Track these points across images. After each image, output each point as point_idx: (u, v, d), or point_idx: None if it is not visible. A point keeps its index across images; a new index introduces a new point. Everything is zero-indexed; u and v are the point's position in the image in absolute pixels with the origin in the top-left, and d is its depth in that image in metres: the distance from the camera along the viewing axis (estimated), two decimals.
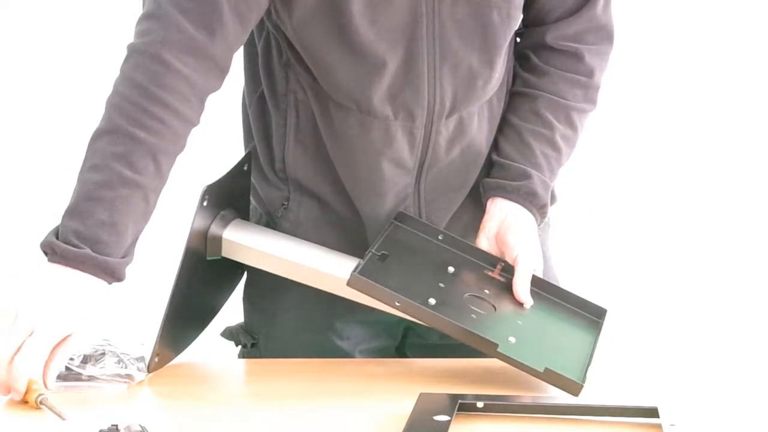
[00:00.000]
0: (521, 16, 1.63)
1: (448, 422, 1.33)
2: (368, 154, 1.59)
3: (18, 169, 3.01)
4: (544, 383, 1.47)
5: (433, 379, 1.52)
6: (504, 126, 1.68)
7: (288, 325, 1.70)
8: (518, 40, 1.71)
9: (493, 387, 1.48)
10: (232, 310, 1.76)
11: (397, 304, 1.51)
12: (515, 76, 1.70)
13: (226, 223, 1.59)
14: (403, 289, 1.52)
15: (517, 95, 1.69)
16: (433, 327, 1.52)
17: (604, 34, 1.69)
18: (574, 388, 1.45)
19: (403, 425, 1.32)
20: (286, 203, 1.66)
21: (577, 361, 1.52)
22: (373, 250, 1.57)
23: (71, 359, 1.53)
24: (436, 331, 1.54)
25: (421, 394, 1.41)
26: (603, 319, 1.61)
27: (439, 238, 1.64)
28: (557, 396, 1.44)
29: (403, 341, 1.74)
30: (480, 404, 1.39)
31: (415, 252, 1.62)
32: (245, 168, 1.64)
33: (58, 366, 1.42)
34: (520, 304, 1.58)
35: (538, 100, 1.67)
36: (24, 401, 1.43)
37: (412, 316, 1.52)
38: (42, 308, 1.41)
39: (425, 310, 1.51)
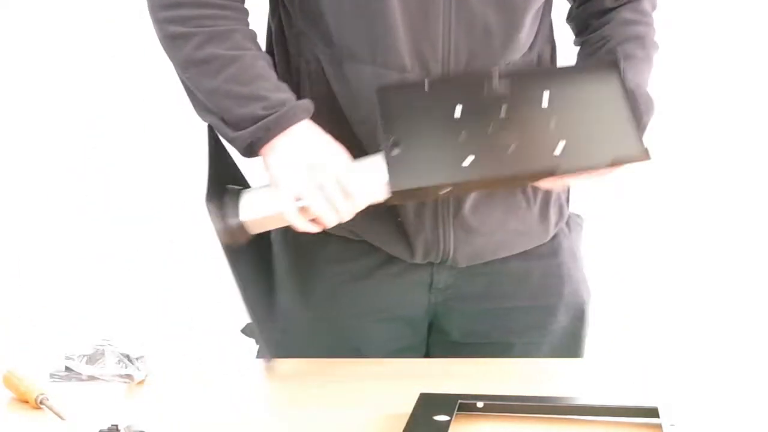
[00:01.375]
0: None
1: (448, 422, 1.33)
2: None
3: (18, 169, 3.00)
4: (542, 383, 1.47)
5: (433, 379, 1.52)
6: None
7: (306, 325, 1.69)
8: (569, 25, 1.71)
9: (493, 387, 1.48)
10: None
11: (446, 190, 1.46)
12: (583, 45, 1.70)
13: (235, 206, 1.54)
14: (437, 165, 1.45)
15: (589, 43, 1.68)
16: (489, 189, 1.47)
17: None
18: (643, 157, 1.42)
19: (403, 425, 1.32)
20: None
21: (627, 131, 1.47)
22: (386, 144, 1.49)
23: (71, 359, 1.53)
24: (458, 328, 1.51)
25: (421, 394, 1.41)
26: (620, 67, 1.53)
27: (426, 87, 1.54)
28: (557, 396, 1.44)
29: (427, 339, 1.73)
30: (480, 404, 1.39)
31: (417, 116, 1.54)
32: (215, 142, 1.60)
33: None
34: (538, 100, 1.51)
35: (613, 40, 1.65)
36: (24, 401, 1.43)
37: (465, 192, 1.49)
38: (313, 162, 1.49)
39: (476, 178, 1.44)
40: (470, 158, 1.45)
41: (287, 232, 1.70)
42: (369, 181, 1.49)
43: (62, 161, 3.00)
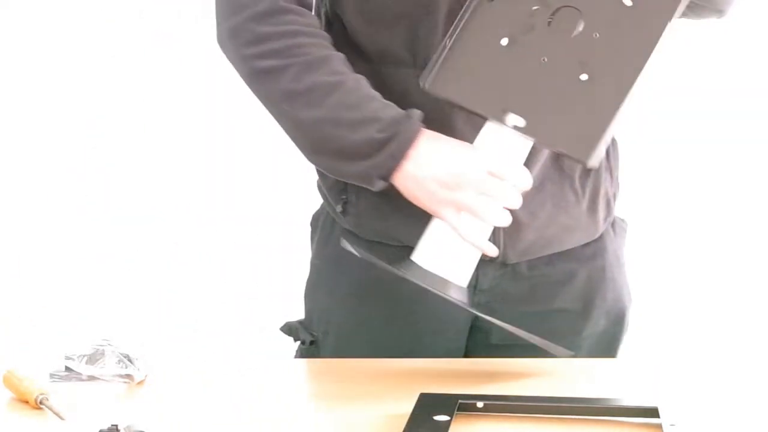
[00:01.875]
0: None
1: (448, 422, 1.33)
2: (438, 111, 1.52)
3: (18, 169, 3.00)
4: (543, 383, 1.47)
5: (433, 379, 1.52)
6: None
7: (346, 329, 1.69)
8: None
9: (493, 387, 1.48)
10: (293, 307, 1.75)
11: (618, 123, 1.38)
12: None
13: (431, 276, 1.46)
14: (578, 108, 1.37)
15: None
16: (632, 89, 1.36)
17: None
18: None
19: (403, 425, 1.32)
20: (344, 197, 1.63)
21: None
22: (499, 116, 1.42)
23: (71, 359, 1.53)
24: (499, 330, 1.50)
25: (421, 394, 1.41)
26: None
27: (449, 44, 1.46)
28: (557, 396, 1.44)
29: (467, 342, 1.72)
30: (480, 404, 1.39)
31: (485, 76, 1.44)
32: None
33: None
34: None
35: None
36: (24, 401, 1.43)
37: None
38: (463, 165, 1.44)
39: (622, 86, 1.35)
40: (583, 76, 1.39)
41: (329, 237, 1.69)
42: (519, 152, 1.44)
43: (62, 161, 2.99)
